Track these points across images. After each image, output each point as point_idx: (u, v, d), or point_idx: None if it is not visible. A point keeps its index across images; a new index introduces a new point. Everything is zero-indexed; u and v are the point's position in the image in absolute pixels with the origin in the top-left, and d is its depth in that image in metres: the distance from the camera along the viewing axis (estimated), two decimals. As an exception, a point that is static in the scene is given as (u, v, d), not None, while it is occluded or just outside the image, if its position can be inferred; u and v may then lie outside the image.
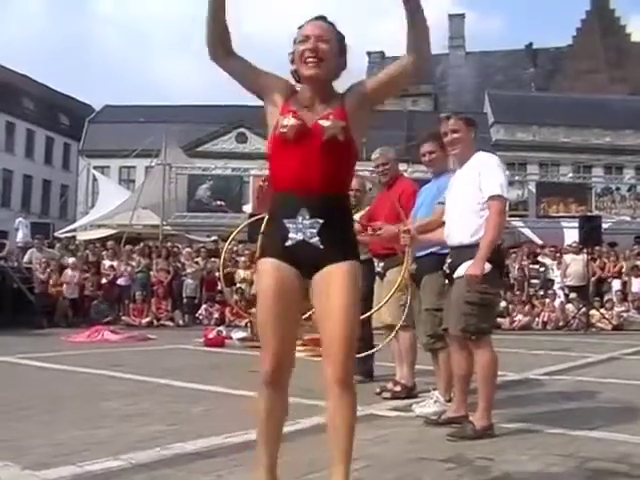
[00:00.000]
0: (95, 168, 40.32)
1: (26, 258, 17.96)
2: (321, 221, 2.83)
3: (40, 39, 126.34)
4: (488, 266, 4.63)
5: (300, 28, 3.05)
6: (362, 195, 7.81)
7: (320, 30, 3.00)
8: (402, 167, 7.02)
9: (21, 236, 22.04)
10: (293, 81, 3.06)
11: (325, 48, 2.95)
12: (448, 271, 4.96)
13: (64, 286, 17.21)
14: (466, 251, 4.75)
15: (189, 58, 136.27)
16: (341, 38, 3.08)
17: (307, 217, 2.83)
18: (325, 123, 2.87)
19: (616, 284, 18.53)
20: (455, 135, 5.02)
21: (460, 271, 4.78)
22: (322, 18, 3.08)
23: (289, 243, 2.84)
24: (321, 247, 2.83)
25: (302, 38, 3.00)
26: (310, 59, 2.94)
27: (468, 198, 4.82)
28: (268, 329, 2.85)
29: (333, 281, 2.81)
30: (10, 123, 48.58)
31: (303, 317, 3.89)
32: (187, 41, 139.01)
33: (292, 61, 3.04)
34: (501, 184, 4.76)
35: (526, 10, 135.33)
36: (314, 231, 2.82)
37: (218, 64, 3.09)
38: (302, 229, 2.83)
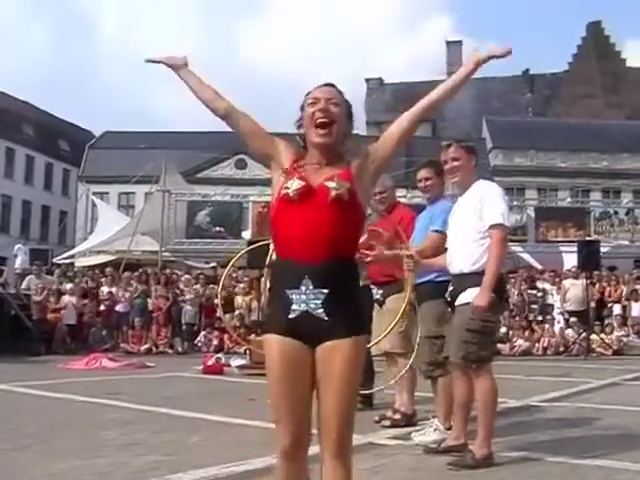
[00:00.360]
0: (94, 194, 40.34)
1: (24, 284, 17.91)
2: (326, 291, 2.69)
3: (42, 65, 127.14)
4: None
5: (308, 94, 3.03)
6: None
7: (330, 94, 2.98)
8: (401, 192, 7.03)
9: (20, 262, 22.03)
10: (290, 141, 3.08)
11: (336, 111, 2.94)
12: (450, 299, 4.96)
13: (62, 312, 17.15)
14: (467, 279, 4.76)
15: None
16: (349, 104, 3.08)
17: (311, 287, 2.69)
18: (330, 184, 2.78)
19: (616, 309, 18.49)
20: (456, 163, 5.04)
21: (462, 299, 4.77)
22: (331, 85, 3.06)
23: (292, 315, 2.70)
24: (325, 319, 2.69)
25: (312, 100, 2.97)
26: (320, 120, 2.91)
27: (469, 226, 4.82)
28: (281, 406, 2.74)
29: (336, 358, 2.69)
30: (10, 149, 48.70)
31: None
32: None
33: (299, 126, 3.04)
34: (502, 213, 4.78)
35: (523, 36, 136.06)
36: (318, 302, 2.69)
37: (223, 121, 3.12)
38: (306, 300, 2.69)
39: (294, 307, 2.69)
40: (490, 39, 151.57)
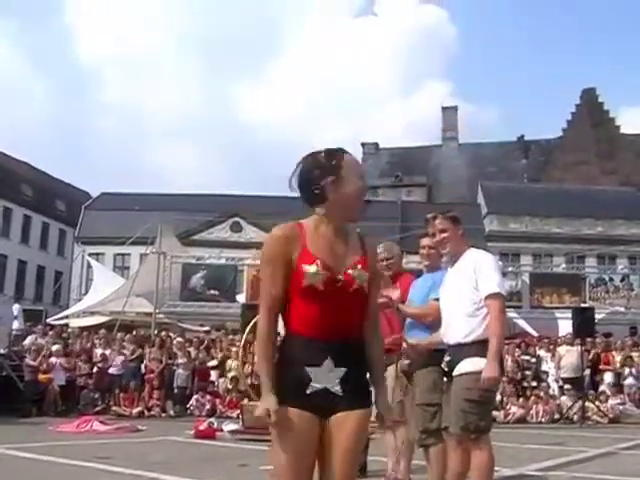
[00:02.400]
0: (90, 255, 40.41)
1: (27, 341, 17.89)
2: (345, 369, 2.82)
3: (41, 125, 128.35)
4: (484, 362, 4.62)
5: (341, 160, 2.93)
6: None
7: None
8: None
9: (18, 324, 21.96)
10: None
11: None
12: (447, 369, 4.95)
13: (52, 374, 17.02)
14: (463, 349, 4.77)
15: (185, 148, 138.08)
16: None
17: (332, 365, 2.80)
18: (355, 273, 2.86)
19: (608, 376, 18.38)
20: (444, 234, 5.08)
21: (459, 369, 4.77)
22: None
23: (310, 390, 2.78)
24: (340, 394, 2.81)
25: (360, 174, 3.02)
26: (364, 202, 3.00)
27: (463, 297, 4.83)
28: (288, 476, 2.79)
29: (347, 428, 2.81)
30: (7, 208, 48.88)
31: None
32: (184, 132, 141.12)
33: (318, 188, 2.91)
34: (498, 282, 4.80)
35: (518, 103, 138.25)
36: (337, 380, 2.80)
37: None
38: (326, 378, 2.79)
39: (313, 384, 2.78)
40: (486, 105, 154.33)
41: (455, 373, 4.82)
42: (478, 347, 4.69)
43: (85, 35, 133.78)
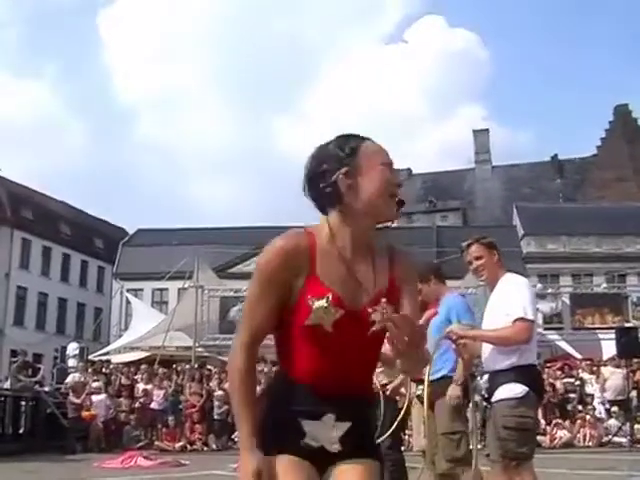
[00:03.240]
0: (128, 291, 40.78)
1: (69, 379, 18.07)
2: (348, 425, 2.26)
3: (78, 164, 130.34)
4: (524, 389, 4.60)
5: (358, 148, 2.33)
6: None
7: None
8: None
9: (72, 362, 22.28)
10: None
11: None
12: (487, 395, 4.93)
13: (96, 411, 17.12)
14: (500, 376, 4.75)
15: (221, 182, 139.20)
16: None
17: (332, 421, 2.24)
18: (375, 315, 2.05)
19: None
20: (479, 262, 5.06)
21: (497, 395, 4.74)
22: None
23: (304, 443, 2.24)
24: (341, 449, 2.27)
25: (387, 163, 2.34)
26: (400, 199, 2.34)
27: (498, 323, 4.81)
28: None
29: (351, 474, 2.26)
30: (47, 247, 49.56)
31: None
32: (219, 166, 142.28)
33: (331, 188, 2.28)
34: (524, 306, 4.72)
35: (550, 122, 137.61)
36: (336, 437, 2.25)
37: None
38: (324, 435, 2.24)
39: (307, 440, 2.24)
40: (519, 126, 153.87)
41: (493, 400, 4.80)
42: (514, 373, 4.67)
43: (122, 73, 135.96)
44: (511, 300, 4.77)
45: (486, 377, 5.64)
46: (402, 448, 7.79)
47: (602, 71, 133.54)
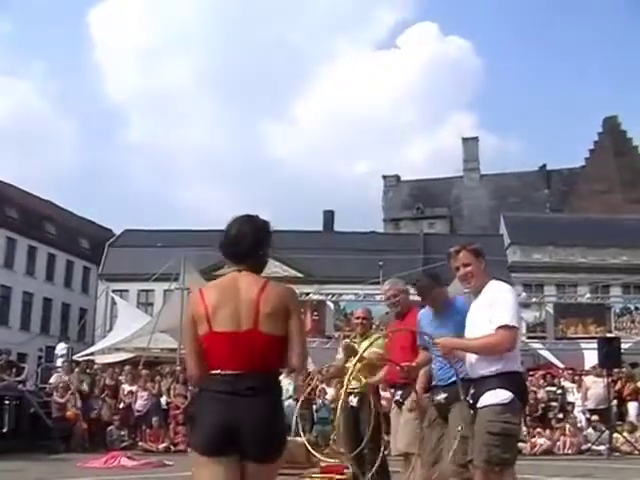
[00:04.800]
0: (114, 292, 40.78)
1: (52, 380, 18.04)
2: None
3: (64, 164, 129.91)
4: (509, 395, 4.68)
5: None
6: (368, 322, 7.95)
7: None
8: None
9: (60, 363, 22.23)
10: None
11: None
12: (471, 401, 4.99)
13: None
14: (486, 382, 4.80)
15: (207, 184, 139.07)
16: None
17: None
18: None
19: (632, 406, 18.23)
20: (468, 269, 5.11)
21: (482, 401, 4.80)
22: None
23: None
24: None
25: None
26: None
27: (482, 331, 4.86)
28: None
29: None
30: (32, 247, 49.43)
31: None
32: (206, 168, 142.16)
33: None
34: (509, 314, 4.78)
35: (539, 132, 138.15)
36: None
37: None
38: None
39: None
40: (510, 136, 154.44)
41: (478, 405, 4.87)
42: (500, 379, 4.73)
43: (111, 73, 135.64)
44: (495, 307, 4.81)
45: (443, 395, 5.74)
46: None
47: (593, 82, 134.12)
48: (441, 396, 5.75)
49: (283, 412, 3.45)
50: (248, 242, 3.54)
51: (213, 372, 3.35)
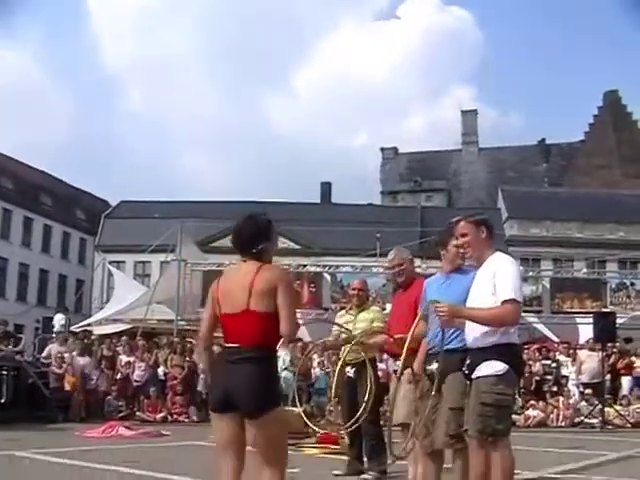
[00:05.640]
0: (111, 263, 40.73)
1: (45, 353, 18.07)
2: None
3: (60, 134, 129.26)
4: (504, 367, 4.72)
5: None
6: (365, 294, 7.99)
7: None
8: (416, 263, 7.09)
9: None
10: None
11: None
12: (467, 372, 5.02)
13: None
14: (482, 353, 4.84)
15: (205, 155, 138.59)
16: None
17: None
18: None
19: (626, 381, 18.37)
20: (464, 239, 5.14)
21: (477, 372, 4.85)
22: None
23: None
24: None
25: None
26: None
27: (483, 302, 4.89)
28: None
29: None
30: (28, 218, 49.40)
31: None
32: (204, 138, 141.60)
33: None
34: (515, 288, 4.81)
35: (539, 106, 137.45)
36: None
37: None
38: None
39: None
40: (509, 109, 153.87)
41: (473, 376, 4.91)
42: (496, 351, 4.77)
43: (108, 42, 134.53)
44: (501, 280, 4.82)
45: (435, 364, 5.74)
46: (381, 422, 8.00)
47: (595, 56, 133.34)
48: (433, 366, 5.79)
49: (272, 378, 4.03)
50: (246, 236, 4.16)
51: (224, 346, 4.15)
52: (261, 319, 3.93)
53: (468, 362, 5.02)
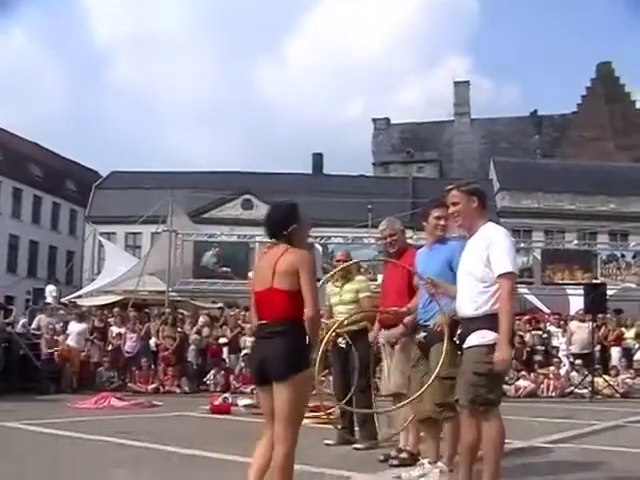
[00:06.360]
0: (101, 234, 40.58)
1: (34, 324, 18.04)
2: None
3: (50, 105, 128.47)
4: (496, 336, 4.71)
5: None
6: (352, 267, 8.01)
7: None
8: (407, 234, 7.07)
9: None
10: None
11: None
12: (458, 342, 5.03)
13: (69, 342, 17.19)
14: (474, 322, 4.83)
15: (196, 126, 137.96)
16: None
17: None
18: None
19: (615, 352, 18.49)
20: (455, 208, 5.12)
21: (468, 342, 4.85)
22: None
23: None
24: None
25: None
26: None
27: (475, 272, 4.88)
28: None
29: None
30: (17, 189, 49.12)
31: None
32: (195, 110, 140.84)
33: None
34: (511, 260, 4.82)
35: (533, 77, 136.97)
36: None
37: None
38: None
39: None
40: (505, 80, 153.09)
41: (464, 346, 4.91)
42: (487, 320, 4.75)
43: (99, 13, 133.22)
44: (496, 253, 4.81)
45: (423, 334, 5.79)
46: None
47: (590, 27, 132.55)
48: (421, 335, 5.81)
49: (297, 347, 4.26)
50: (274, 221, 4.50)
51: (258, 323, 4.47)
52: (283, 296, 4.27)
53: (459, 332, 5.03)
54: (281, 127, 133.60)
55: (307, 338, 4.30)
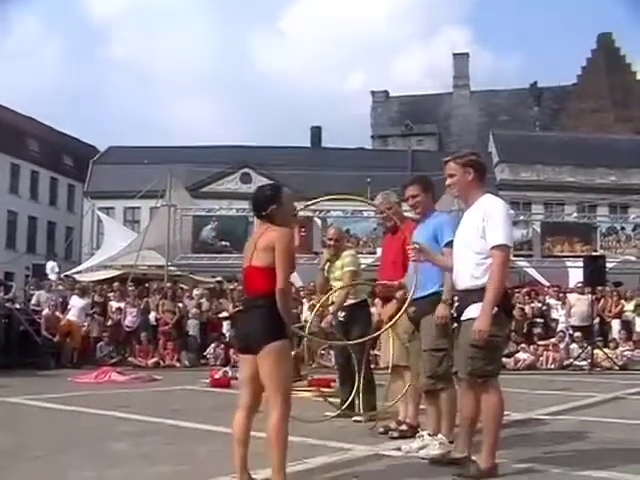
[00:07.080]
0: (100, 209, 40.51)
1: (34, 300, 18.04)
2: None
3: (47, 79, 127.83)
4: (495, 309, 4.69)
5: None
6: (341, 244, 8.03)
7: None
8: (405, 207, 7.04)
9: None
10: None
11: None
12: (455, 314, 5.04)
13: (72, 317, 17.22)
14: (471, 295, 4.84)
15: (194, 100, 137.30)
16: None
17: None
18: None
19: (615, 324, 18.52)
20: (451, 179, 5.12)
21: (466, 314, 4.85)
22: None
23: None
24: None
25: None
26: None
27: (471, 243, 4.89)
28: None
29: None
30: (15, 165, 48.92)
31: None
32: (193, 84, 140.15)
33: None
34: (505, 233, 4.81)
35: (533, 48, 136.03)
36: None
37: None
38: None
39: None
40: (503, 52, 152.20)
41: (463, 318, 4.91)
42: (483, 293, 4.75)
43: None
44: (491, 225, 4.81)
45: (412, 308, 5.79)
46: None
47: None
48: (411, 309, 5.82)
49: (272, 318, 4.38)
50: (254, 203, 4.70)
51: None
52: (260, 272, 4.46)
53: (456, 304, 5.04)
54: (279, 100, 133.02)
55: None
